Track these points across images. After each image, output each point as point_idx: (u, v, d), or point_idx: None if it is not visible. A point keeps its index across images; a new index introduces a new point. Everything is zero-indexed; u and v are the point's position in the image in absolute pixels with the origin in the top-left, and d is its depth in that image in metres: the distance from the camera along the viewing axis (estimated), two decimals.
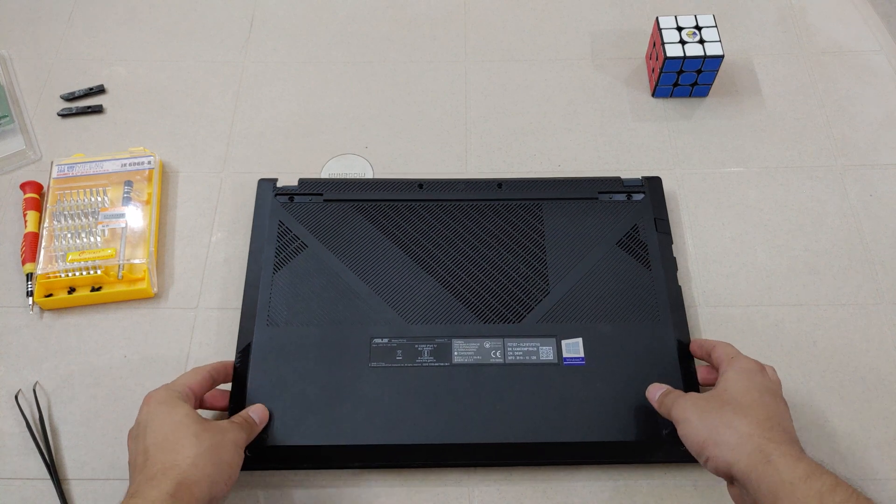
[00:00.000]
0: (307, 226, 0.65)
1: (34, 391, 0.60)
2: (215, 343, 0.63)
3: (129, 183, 0.69)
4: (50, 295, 0.64)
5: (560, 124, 0.76)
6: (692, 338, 0.60)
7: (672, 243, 0.65)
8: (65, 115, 0.76)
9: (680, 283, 0.63)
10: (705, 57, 0.72)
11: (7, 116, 0.75)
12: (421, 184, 0.68)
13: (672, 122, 0.75)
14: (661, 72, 0.74)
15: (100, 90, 0.78)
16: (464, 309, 0.61)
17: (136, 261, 0.65)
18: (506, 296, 0.62)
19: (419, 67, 0.80)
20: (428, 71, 0.79)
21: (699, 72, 0.74)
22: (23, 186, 0.69)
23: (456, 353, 0.59)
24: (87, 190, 0.68)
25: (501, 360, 0.58)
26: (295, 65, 0.80)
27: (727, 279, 0.66)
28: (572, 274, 0.63)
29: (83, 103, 0.77)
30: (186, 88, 0.78)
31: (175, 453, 0.47)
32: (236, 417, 0.53)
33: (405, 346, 0.59)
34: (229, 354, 0.61)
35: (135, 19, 0.83)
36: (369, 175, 0.72)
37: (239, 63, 0.80)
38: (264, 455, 0.55)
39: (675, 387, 0.55)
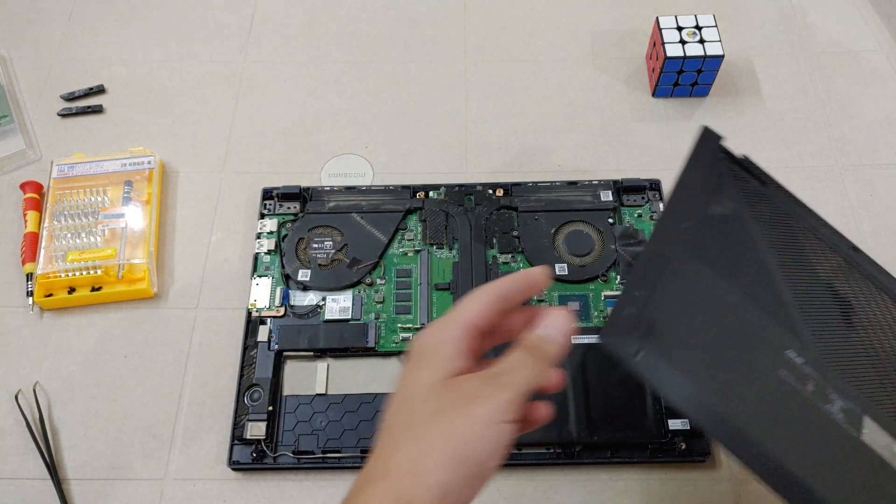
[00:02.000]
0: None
1: (34, 391, 0.60)
2: (215, 343, 0.63)
3: (129, 183, 0.69)
4: (50, 295, 0.64)
5: (560, 124, 0.75)
6: None
7: None
8: (65, 115, 0.76)
9: None
10: (705, 57, 0.72)
11: (7, 116, 0.75)
12: None
13: (672, 122, 0.75)
14: (661, 72, 0.74)
15: (100, 90, 0.78)
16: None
17: (136, 261, 0.65)
18: None
19: (419, 67, 0.80)
20: (428, 71, 0.79)
21: (699, 72, 0.74)
22: (23, 186, 0.69)
23: (866, 431, 0.44)
24: (87, 190, 0.68)
25: None
26: (295, 65, 0.80)
27: None
28: None
29: (83, 103, 0.77)
30: (186, 88, 0.78)
31: (390, 453, 0.33)
32: (511, 359, 0.35)
33: (817, 381, 0.44)
34: (231, 355, 0.61)
35: (135, 19, 0.83)
36: (369, 176, 0.72)
37: (239, 63, 0.80)
38: None
39: None
